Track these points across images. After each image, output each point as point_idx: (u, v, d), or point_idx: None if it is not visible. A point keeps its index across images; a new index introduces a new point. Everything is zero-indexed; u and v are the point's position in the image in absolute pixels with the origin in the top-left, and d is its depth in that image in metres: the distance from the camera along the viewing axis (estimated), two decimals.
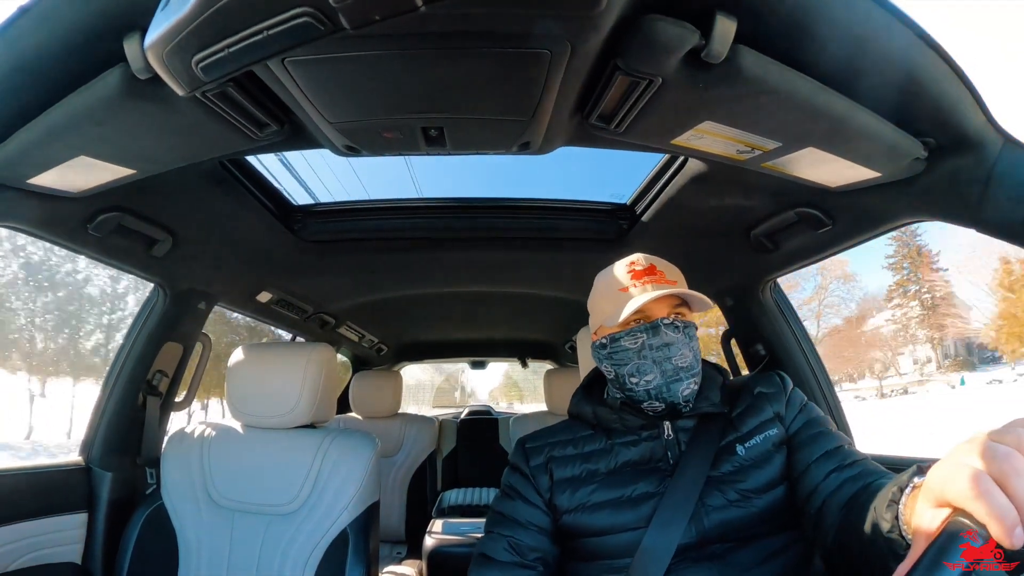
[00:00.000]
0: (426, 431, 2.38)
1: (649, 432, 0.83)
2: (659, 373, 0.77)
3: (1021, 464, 0.36)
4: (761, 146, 0.73)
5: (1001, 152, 0.65)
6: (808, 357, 1.33)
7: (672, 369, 0.77)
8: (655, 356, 0.78)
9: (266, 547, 1.05)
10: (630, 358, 0.79)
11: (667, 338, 0.77)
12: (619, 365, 0.81)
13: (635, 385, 0.79)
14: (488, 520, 0.88)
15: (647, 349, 0.78)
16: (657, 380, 0.78)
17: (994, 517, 0.35)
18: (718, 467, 0.78)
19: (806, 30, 0.55)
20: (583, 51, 0.58)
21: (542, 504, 0.85)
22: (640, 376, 0.79)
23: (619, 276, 0.83)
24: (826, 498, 0.71)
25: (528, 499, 0.85)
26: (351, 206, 1.35)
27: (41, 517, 1.08)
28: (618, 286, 0.82)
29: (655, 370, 0.78)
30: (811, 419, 0.82)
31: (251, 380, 1.15)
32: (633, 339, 0.79)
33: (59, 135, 0.67)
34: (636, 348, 0.79)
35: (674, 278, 0.82)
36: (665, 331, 0.78)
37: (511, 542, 0.82)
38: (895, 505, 0.51)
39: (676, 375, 0.77)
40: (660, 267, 0.83)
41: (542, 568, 0.81)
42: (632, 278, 0.81)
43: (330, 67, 0.59)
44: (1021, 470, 0.36)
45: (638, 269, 0.82)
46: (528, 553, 0.81)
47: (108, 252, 1.07)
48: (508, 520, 0.85)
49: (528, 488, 0.86)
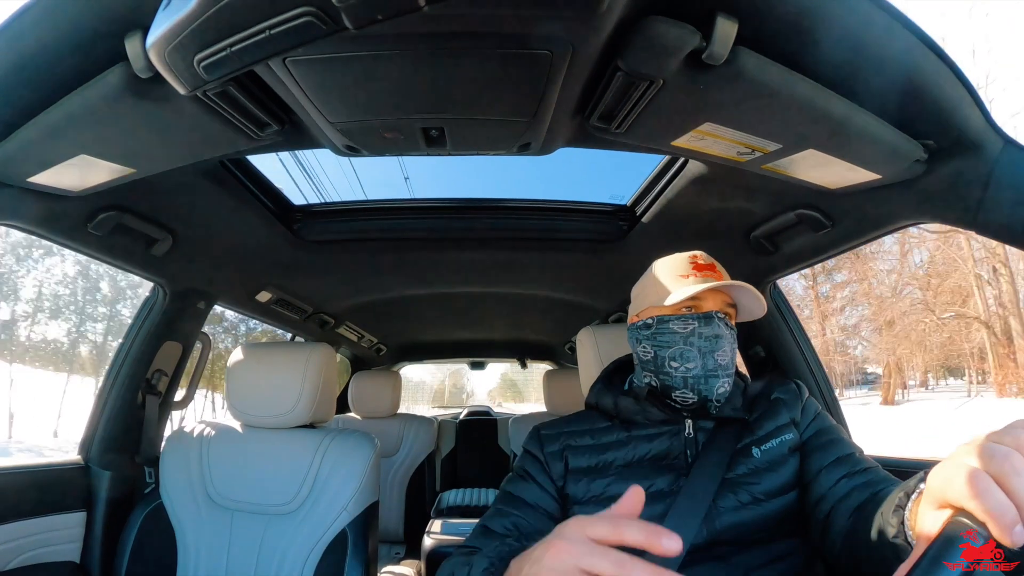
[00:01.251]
0: (425, 431, 2.38)
1: (670, 428, 0.83)
2: (701, 363, 0.78)
3: (1020, 463, 0.36)
4: (761, 148, 0.73)
5: (1001, 154, 0.65)
6: (808, 359, 1.32)
7: (713, 363, 0.78)
8: (701, 345, 0.78)
9: (265, 547, 1.05)
10: (676, 341, 0.79)
11: (718, 330, 0.78)
12: (662, 347, 0.81)
13: (674, 370, 0.79)
14: (497, 499, 0.87)
15: (695, 336, 0.78)
16: (697, 370, 0.78)
17: (993, 515, 0.35)
18: (733, 469, 0.78)
19: (807, 32, 0.55)
20: (584, 52, 0.58)
21: (553, 490, 0.84)
22: (682, 362, 0.78)
23: (679, 264, 0.84)
24: (835, 504, 0.71)
25: (539, 483, 0.85)
26: (351, 206, 1.35)
27: (39, 516, 1.08)
28: (678, 272, 0.83)
29: (698, 359, 0.78)
30: (824, 427, 0.83)
31: (250, 380, 1.15)
32: (683, 324, 0.79)
33: (60, 133, 0.67)
34: (685, 333, 0.79)
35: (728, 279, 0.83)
36: (717, 323, 0.78)
37: (515, 521, 0.81)
38: (901, 510, 0.51)
39: (715, 370, 0.78)
40: (719, 267, 0.84)
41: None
42: (693, 268, 0.82)
43: (331, 67, 0.59)
44: (1020, 469, 0.36)
45: (700, 262, 0.83)
46: (530, 534, 0.79)
47: (108, 251, 1.07)
48: (517, 500, 0.85)
49: (541, 472, 0.86)
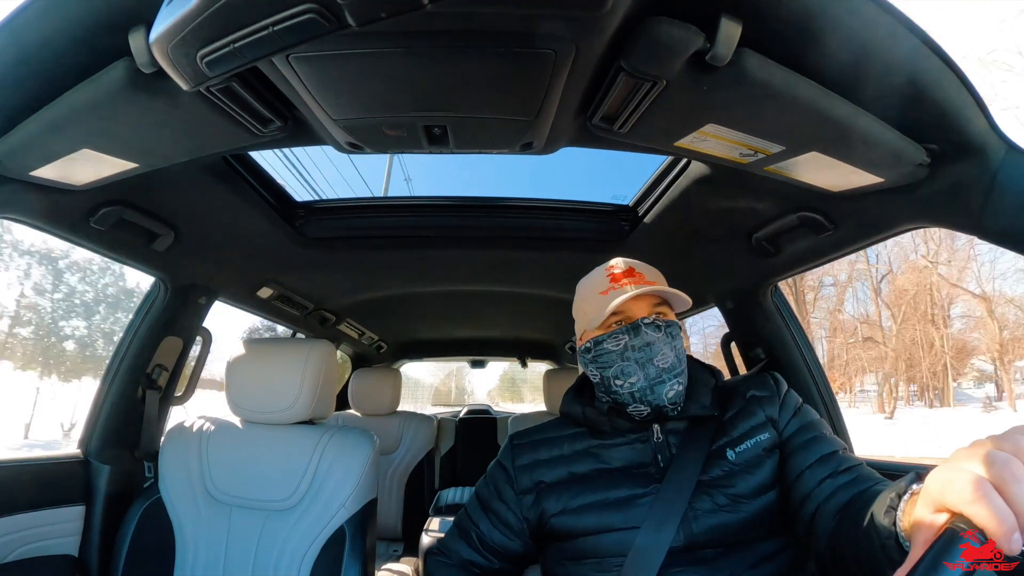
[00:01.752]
0: (425, 429, 2.38)
1: (638, 435, 0.83)
2: (642, 375, 0.77)
3: (1020, 470, 0.36)
4: (764, 149, 0.73)
5: (1004, 159, 0.65)
6: (808, 362, 1.32)
7: (655, 371, 0.77)
8: (637, 357, 0.78)
9: (263, 542, 1.05)
10: (614, 360, 0.79)
11: (648, 337, 0.78)
12: (604, 368, 0.81)
13: (620, 388, 0.79)
14: (469, 501, 0.93)
15: (629, 350, 0.78)
16: (640, 382, 0.77)
17: (992, 521, 0.35)
18: (708, 472, 0.77)
19: (811, 34, 0.55)
20: (587, 52, 0.58)
21: (514, 503, 0.87)
22: (624, 378, 0.79)
23: (598, 280, 0.84)
24: (820, 504, 0.71)
25: (502, 495, 0.88)
26: (353, 203, 1.35)
27: (38, 509, 1.08)
28: (598, 289, 0.83)
29: (638, 372, 0.78)
30: (805, 423, 0.81)
31: (251, 375, 1.15)
32: (615, 341, 0.79)
33: (63, 128, 0.67)
34: (619, 350, 0.79)
35: (654, 279, 0.83)
36: (645, 330, 0.78)
37: (477, 532, 0.88)
38: (893, 511, 0.51)
39: (659, 377, 0.77)
40: (639, 269, 0.83)
41: (493, 559, 0.87)
42: (611, 280, 0.82)
43: (334, 64, 0.59)
44: (1019, 476, 0.36)
45: (616, 272, 0.83)
46: (485, 542, 0.87)
47: (110, 246, 1.07)
48: (481, 505, 0.91)
49: (505, 485, 0.88)
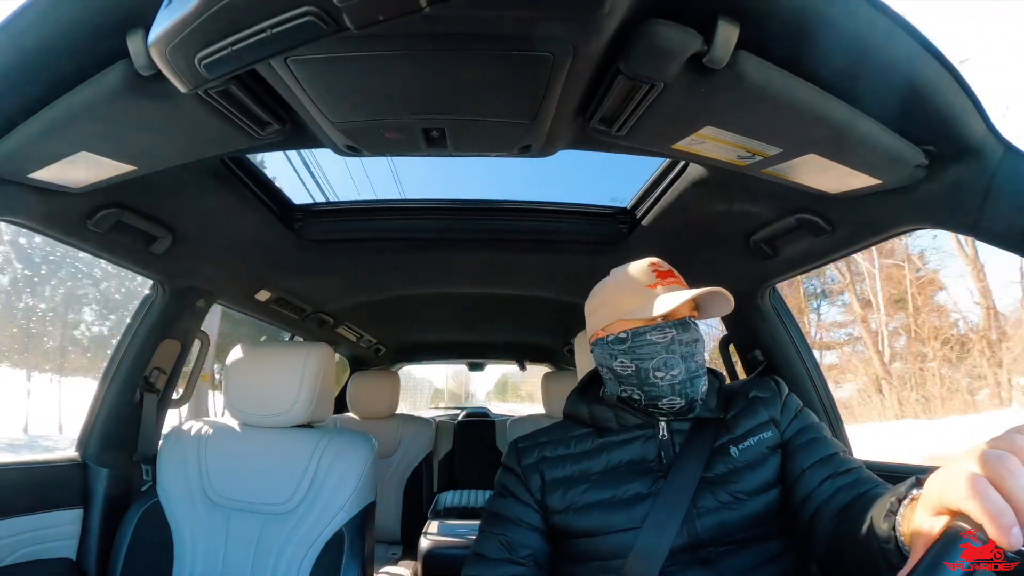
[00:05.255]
0: (423, 432, 2.37)
1: (644, 432, 0.83)
2: (684, 368, 0.78)
3: (1015, 465, 0.37)
4: (762, 152, 0.73)
5: (1002, 161, 0.65)
6: (806, 364, 1.32)
7: (695, 366, 0.79)
8: (683, 351, 0.78)
9: (261, 546, 1.05)
10: (657, 352, 0.79)
11: (696, 335, 0.80)
12: (643, 359, 0.80)
13: (660, 380, 0.79)
14: (483, 520, 0.89)
15: (676, 344, 0.78)
16: (682, 375, 0.78)
17: (990, 516, 0.36)
18: (711, 468, 0.78)
19: (808, 37, 0.55)
20: (585, 54, 0.58)
21: (533, 503, 0.85)
22: (667, 371, 0.78)
23: (642, 273, 0.84)
24: (819, 506, 0.71)
25: (519, 497, 0.86)
26: (351, 206, 1.35)
27: (36, 513, 1.07)
28: (643, 283, 0.82)
29: (681, 365, 0.78)
30: (806, 425, 0.82)
31: (249, 378, 1.15)
32: (662, 334, 0.79)
33: (61, 130, 0.67)
34: (665, 343, 0.78)
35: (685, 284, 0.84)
36: (694, 328, 0.80)
37: (503, 540, 0.82)
38: (892, 516, 0.51)
39: (697, 372, 0.79)
40: (675, 272, 0.85)
41: (533, 565, 0.81)
42: (657, 276, 0.82)
43: (333, 67, 0.59)
44: (1014, 471, 0.37)
45: (662, 270, 0.83)
46: (519, 550, 0.81)
47: (107, 248, 1.07)
48: (500, 518, 0.85)
49: (519, 487, 0.87)
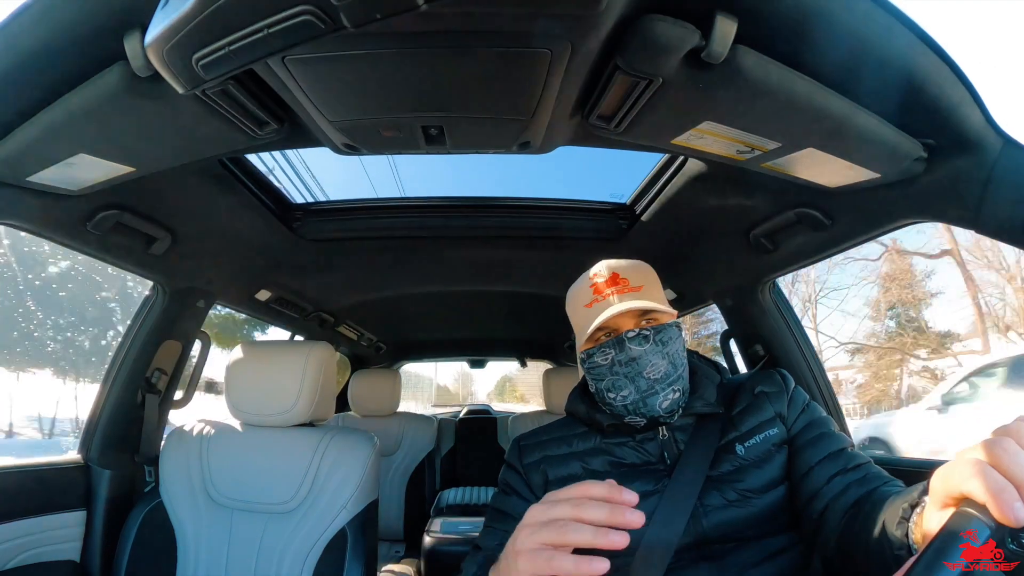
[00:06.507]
0: (425, 430, 2.38)
1: (644, 434, 0.82)
2: (632, 389, 0.76)
3: (1012, 446, 0.39)
4: (761, 146, 0.73)
5: (1001, 153, 0.65)
6: (807, 358, 1.32)
7: (646, 384, 0.75)
8: (625, 371, 0.76)
9: (264, 545, 1.05)
10: (604, 373, 0.78)
11: (633, 352, 0.75)
12: (598, 380, 0.80)
13: (613, 400, 0.78)
14: (487, 516, 0.89)
15: (616, 365, 0.76)
16: (632, 395, 0.76)
17: (991, 493, 0.37)
18: (717, 467, 0.77)
19: (806, 31, 0.55)
20: (583, 50, 0.58)
21: (536, 500, 0.84)
22: (616, 391, 0.77)
23: (582, 293, 0.82)
24: (829, 502, 0.70)
25: (521, 494, 0.86)
26: (350, 205, 1.35)
27: (39, 515, 1.08)
28: (582, 301, 0.81)
29: (629, 386, 0.76)
30: (814, 420, 0.81)
31: (250, 378, 1.15)
32: (603, 355, 0.78)
33: (59, 132, 0.67)
34: (607, 364, 0.77)
35: (640, 283, 0.79)
36: (630, 345, 0.75)
37: (503, 537, 0.82)
38: (905, 523, 0.51)
39: (651, 388, 0.75)
40: (624, 274, 0.80)
41: None
42: (594, 292, 0.79)
43: (330, 65, 0.59)
44: (1011, 450, 0.39)
45: (599, 282, 0.80)
46: None
47: (107, 250, 1.07)
48: (504, 515, 0.85)
49: (522, 484, 0.87)
